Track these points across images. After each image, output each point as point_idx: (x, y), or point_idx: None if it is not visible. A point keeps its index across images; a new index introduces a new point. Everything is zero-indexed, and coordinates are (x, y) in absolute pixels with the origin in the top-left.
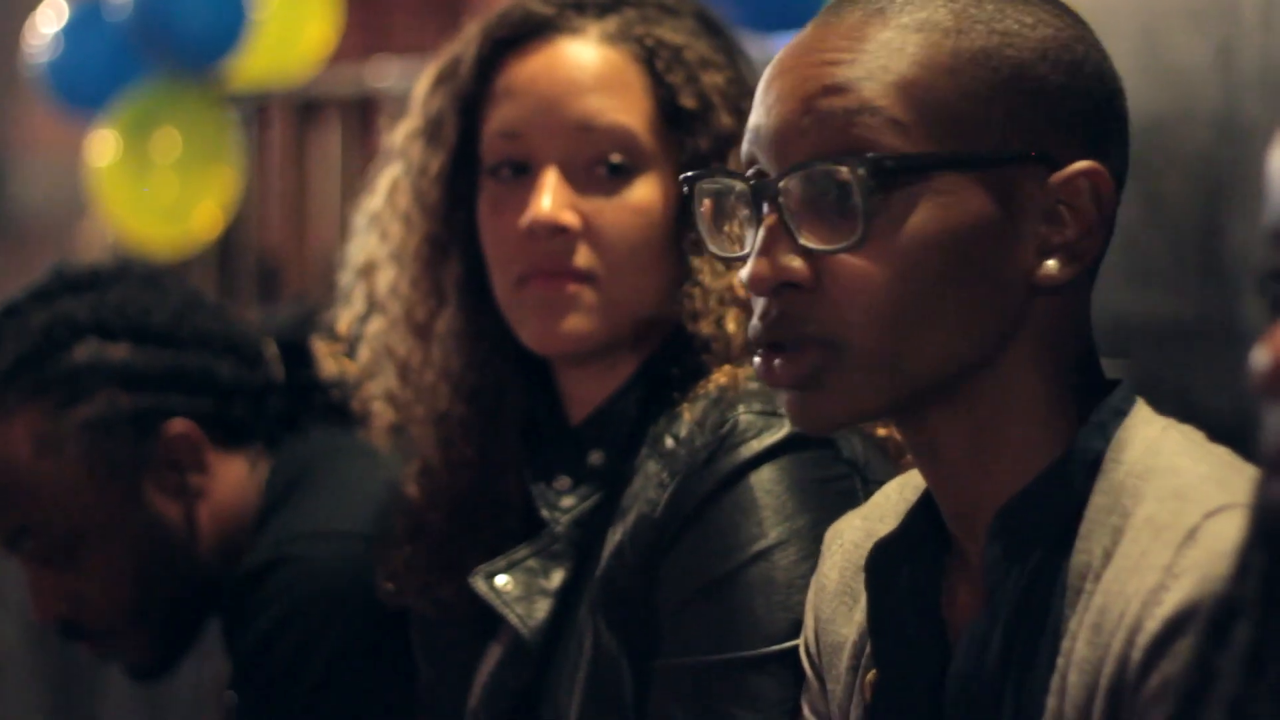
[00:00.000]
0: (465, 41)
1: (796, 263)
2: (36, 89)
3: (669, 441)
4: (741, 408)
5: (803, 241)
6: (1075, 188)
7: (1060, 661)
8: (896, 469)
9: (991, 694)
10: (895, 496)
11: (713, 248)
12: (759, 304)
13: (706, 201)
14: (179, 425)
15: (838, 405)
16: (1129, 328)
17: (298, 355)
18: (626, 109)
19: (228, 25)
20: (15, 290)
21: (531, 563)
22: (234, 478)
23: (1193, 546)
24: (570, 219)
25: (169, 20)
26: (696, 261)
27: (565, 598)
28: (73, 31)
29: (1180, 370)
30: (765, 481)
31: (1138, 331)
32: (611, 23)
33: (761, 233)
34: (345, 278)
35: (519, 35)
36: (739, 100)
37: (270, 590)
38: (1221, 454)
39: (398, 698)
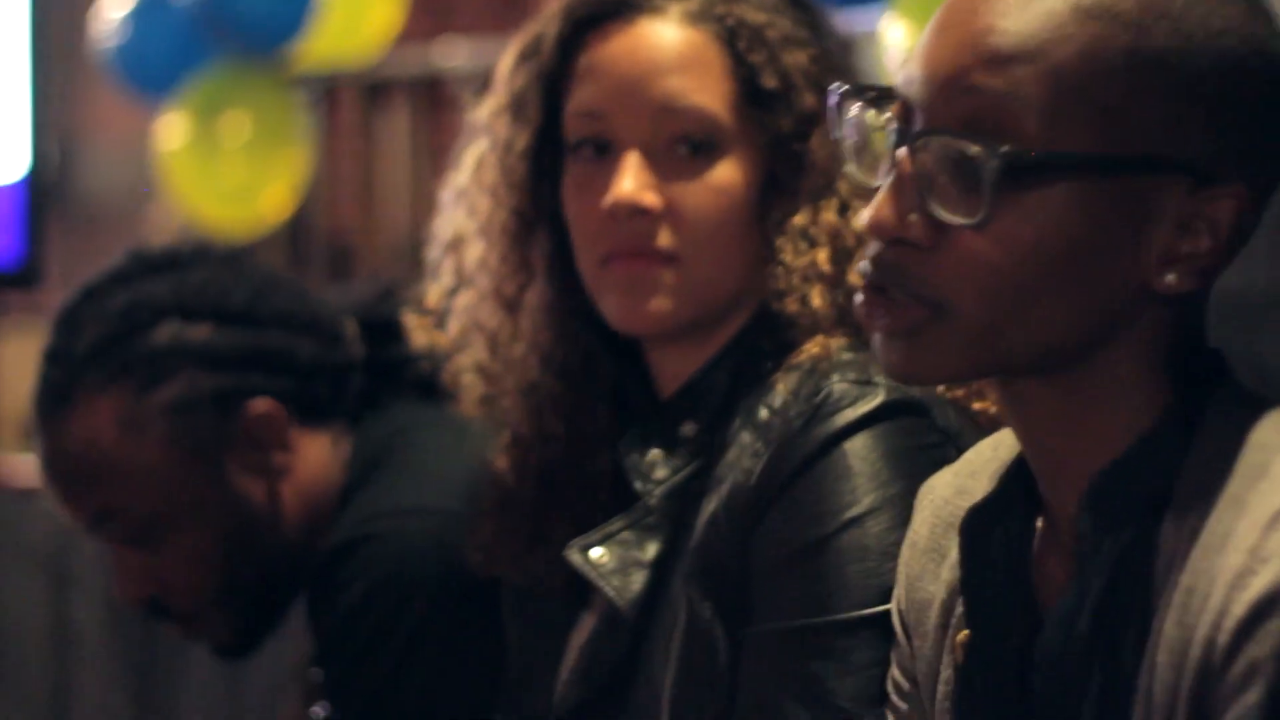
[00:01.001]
0: (547, 19)
1: (919, 222)
2: (105, 73)
3: (763, 412)
4: (835, 377)
5: (931, 204)
6: (1220, 206)
7: (1149, 641)
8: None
9: (1079, 669)
10: (989, 454)
11: (849, 170)
12: (873, 245)
13: (852, 123)
14: (261, 404)
15: (930, 361)
16: None
17: (378, 332)
18: (707, 90)
19: (294, 7)
20: (87, 274)
21: (626, 535)
22: (317, 456)
23: (1278, 529)
24: (652, 200)
25: (235, 3)
26: (779, 240)
27: (660, 569)
28: (140, 15)
29: (1258, 341)
30: (859, 449)
31: (1211, 304)
32: (693, 2)
33: (893, 178)
34: (433, 252)
35: (601, 14)
36: (823, 78)
37: (354, 568)
38: None
39: (484, 673)
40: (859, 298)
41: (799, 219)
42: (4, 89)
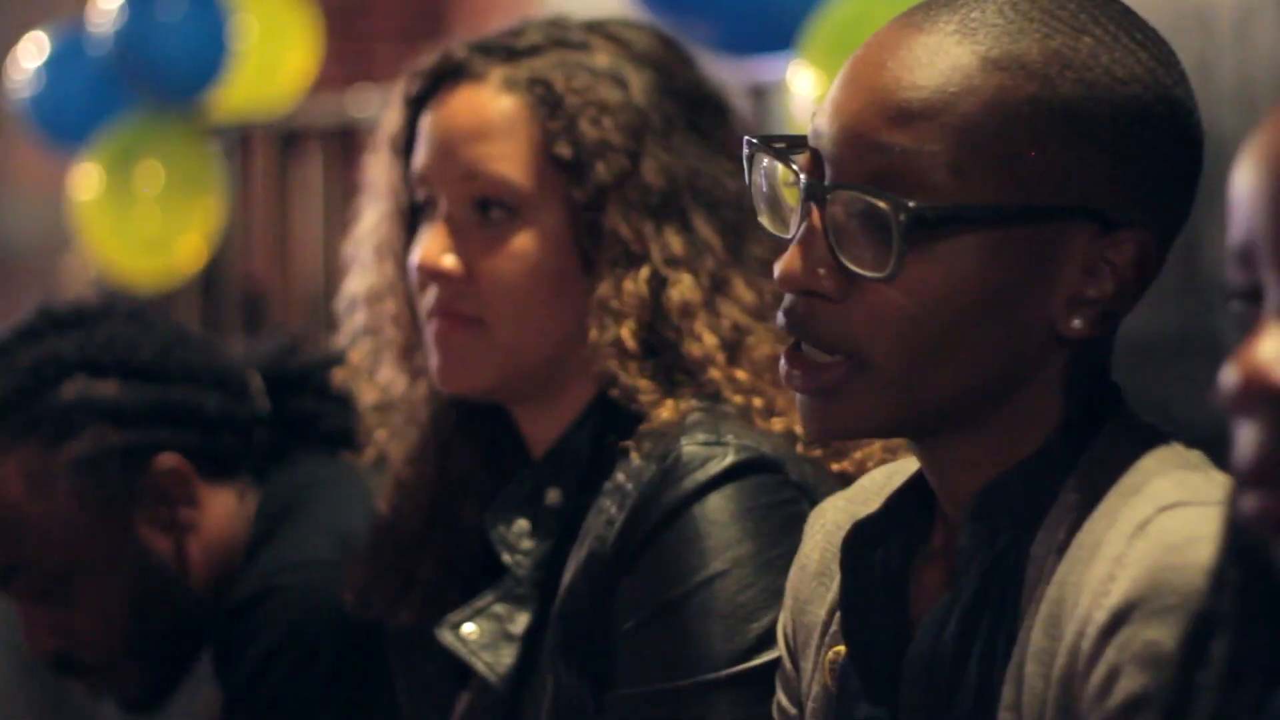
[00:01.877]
0: (401, 82)
1: (829, 275)
2: (19, 123)
3: (619, 477)
4: (684, 440)
5: (841, 258)
6: (1122, 250)
7: (1017, 651)
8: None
9: (947, 676)
10: (881, 481)
11: (763, 219)
12: (786, 298)
13: (763, 172)
14: (168, 460)
15: (851, 417)
16: None
17: (284, 386)
18: (510, 157)
19: (208, 57)
20: (2, 323)
21: (498, 608)
22: (223, 510)
23: (1142, 538)
24: (449, 264)
25: (150, 53)
26: (588, 314)
27: (531, 640)
28: (54, 65)
29: (1161, 384)
30: (710, 511)
31: (1119, 345)
32: (518, 67)
33: (803, 230)
34: (341, 307)
35: (436, 79)
36: (633, 145)
37: (260, 621)
38: (1191, 456)
39: None
40: (780, 361)
41: (601, 290)
42: None
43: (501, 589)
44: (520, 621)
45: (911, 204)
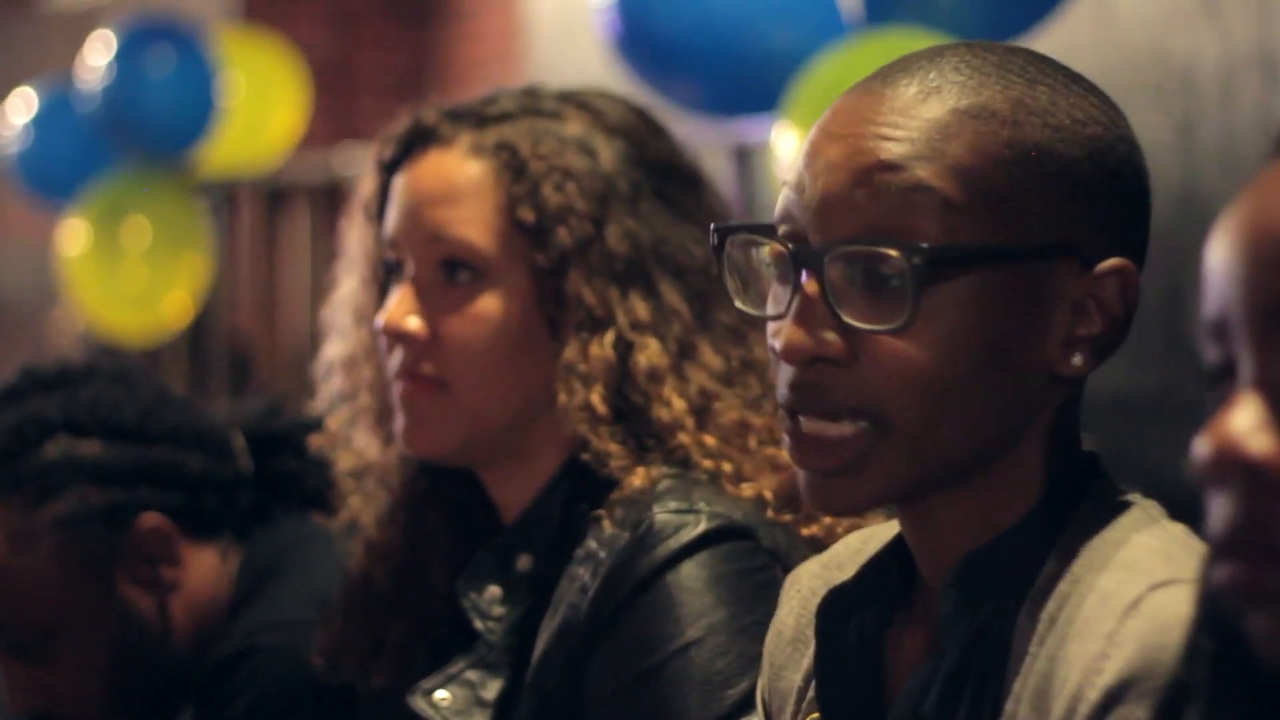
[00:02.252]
0: (375, 148)
1: (834, 337)
2: (6, 179)
3: (591, 544)
4: (657, 508)
5: (845, 318)
6: (1105, 284)
7: None
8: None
9: None
10: (857, 546)
11: (739, 304)
12: (788, 372)
13: (736, 257)
14: (151, 519)
15: (871, 488)
16: (1092, 399)
17: (266, 446)
18: (474, 221)
19: (196, 114)
20: None
21: (470, 674)
22: (206, 569)
23: (1135, 616)
24: (413, 326)
25: (138, 110)
26: (555, 379)
27: (504, 706)
28: (42, 122)
29: (1143, 442)
30: (683, 579)
31: (1101, 403)
32: (486, 133)
33: (799, 301)
34: (318, 372)
35: (408, 144)
36: (598, 211)
37: (241, 679)
38: (1176, 530)
39: None
40: (786, 439)
41: (568, 354)
42: None
43: (474, 655)
44: (493, 688)
45: (923, 245)
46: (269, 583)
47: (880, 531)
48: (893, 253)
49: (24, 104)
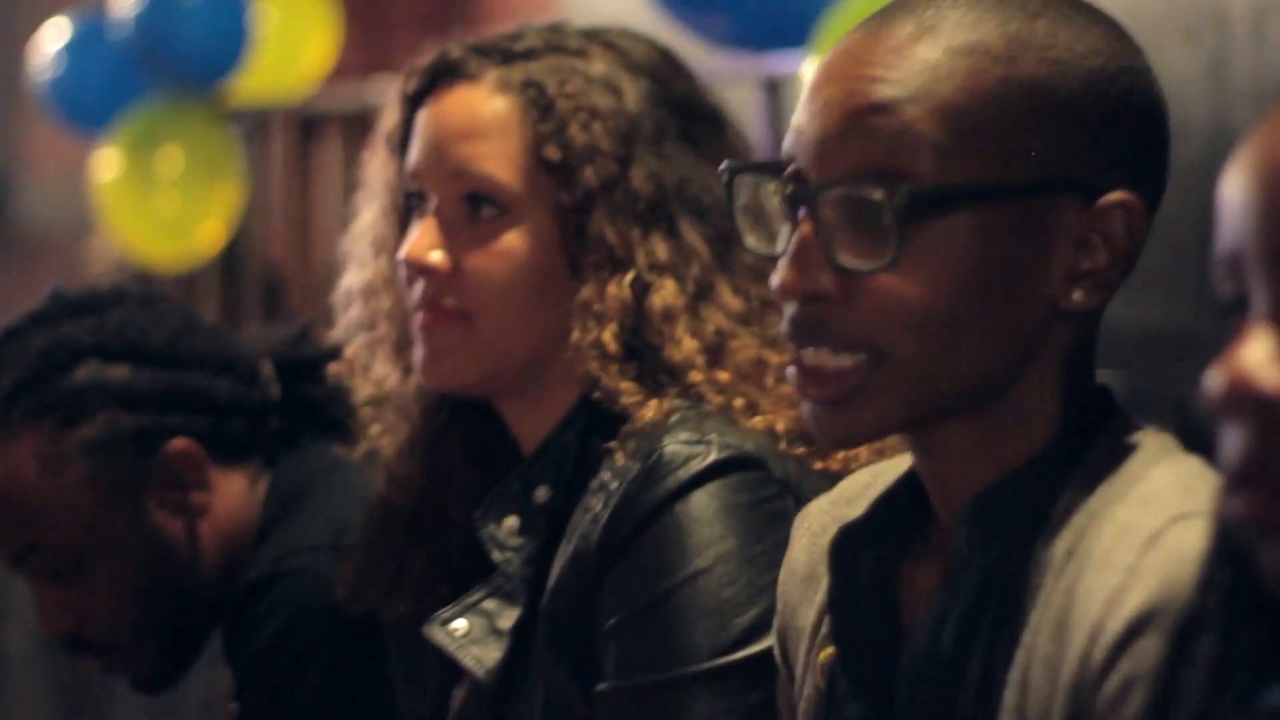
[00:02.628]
0: (400, 81)
1: (827, 277)
2: (40, 106)
3: (604, 476)
4: (667, 439)
5: (839, 257)
6: (1110, 218)
7: (1021, 656)
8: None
9: (946, 678)
10: (866, 481)
11: (749, 243)
12: (790, 307)
13: (745, 195)
14: (179, 444)
15: (870, 418)
16: (1123, 338)
17: (294, 372)
18: (499, 156)
19: (229, 43)
20: (22, 307)
21: (487, 604)
22: (234, 494)
23: (1156, 549)
24: (436, 260)
25: (171, 38)
26: (572, 315)
27: (520, 636)
28: (75, 49)
29: (1174, 380)
30: (693, 508)
31: (1132, 341)
32: (513, 69)
33: (795, 240)
34: (337, 302)
35: (433, 78)
36: (623, 151)
37: (269, 604)
38: (1192, 463)
39: (395, 709)
40: (790, 370)
41: (584, 293)
42: None
43: (491, 585)
44: (509, 617)
45: (904, 186)
46: (296, 508)
47: (890, 467)
48: (878, 194)
49: (57, 32)
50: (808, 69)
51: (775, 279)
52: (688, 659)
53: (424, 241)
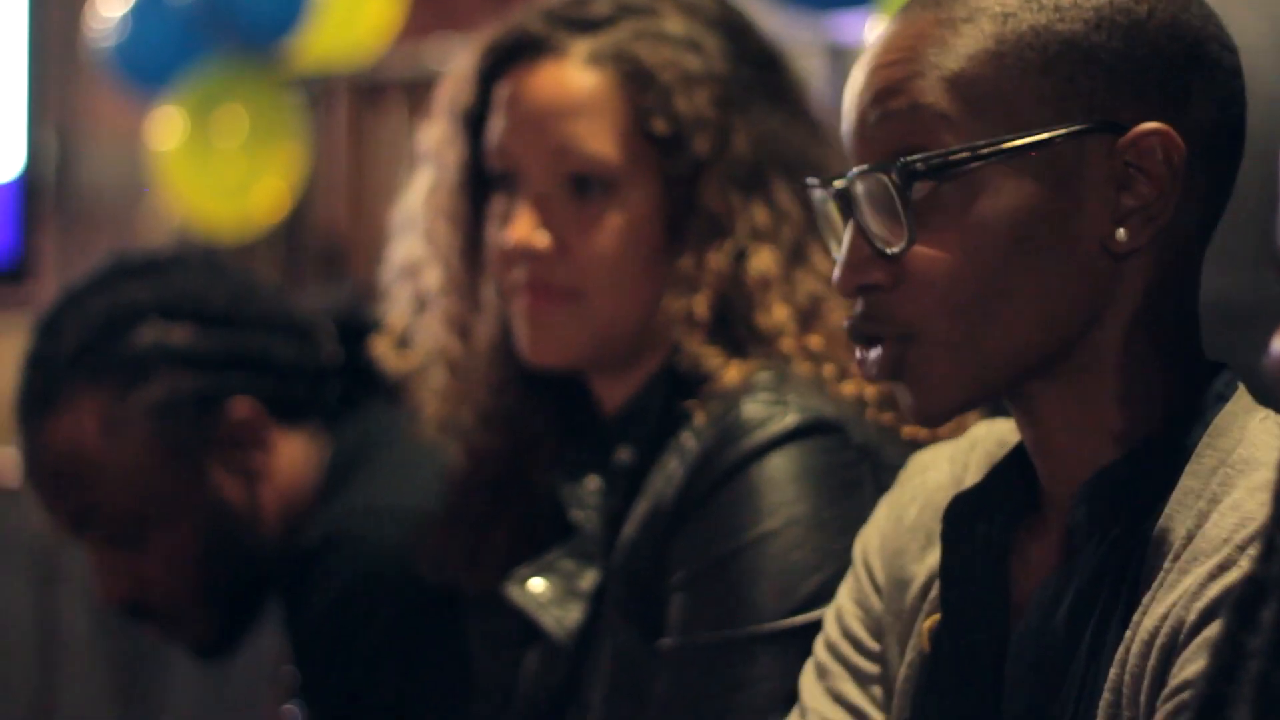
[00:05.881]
0: (471, 53)
1: (874, 265)
2: (101, 70)
3: (684, 436)
4: (746, 399)
5: (876, 244)
6: (1143, 149)
7: (1128, 634)
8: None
9: (1056, 655)
10: (983, 434)
11: (834, 251)
12: (855, 305)
13: (825, 206)
14: (241, 405)
15: (930, 394)
16: None
17: (355, 336)
18: (601, 133)
19: (290, 6)
20: (82, 270)
21: (566, 564)
22: (295, 456)
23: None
24: (542, 242)
25: (232, 2)
26: (673, 281)
27: (600, 597)
28: (137, 12)
29: (1241, 351)
30: (768, 470)
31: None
32: (599, 40)
33: (846, 237)
34: (389, 275)
35: (510, 54)
36: (724, 117)
37: (329, 567)
38: None
39: (454, 672)
40: (857, 355)
41: (683, 263)
42: (1, 86)
43: (570, 545)
44: (588, 578)
45: (900, 161)
46: (356, 471)
47: (1008, 433)
48: (879, 174)
49: None
50: (871, 33)
51: (834, 282)
52: (749, 619)
53: (526, 225)
